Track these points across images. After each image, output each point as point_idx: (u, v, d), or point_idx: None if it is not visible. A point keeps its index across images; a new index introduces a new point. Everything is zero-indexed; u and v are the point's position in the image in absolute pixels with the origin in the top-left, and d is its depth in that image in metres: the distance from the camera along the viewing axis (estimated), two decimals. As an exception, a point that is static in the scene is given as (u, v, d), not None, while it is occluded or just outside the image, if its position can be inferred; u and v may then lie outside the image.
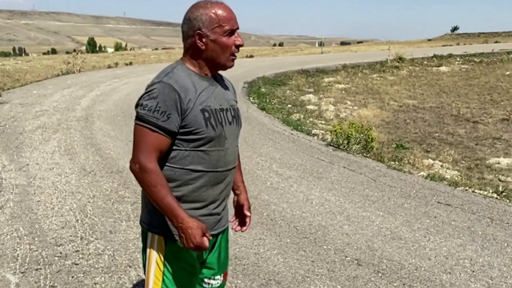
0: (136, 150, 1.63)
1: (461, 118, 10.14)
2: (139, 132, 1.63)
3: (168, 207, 1.60)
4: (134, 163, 1.63)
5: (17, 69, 20.44)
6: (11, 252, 3.44)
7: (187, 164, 1.66)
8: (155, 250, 1.72)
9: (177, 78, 1.63)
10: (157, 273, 1.71)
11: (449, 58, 22.60)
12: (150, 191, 1.61)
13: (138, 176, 1.62)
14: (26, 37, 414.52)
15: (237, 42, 1.70)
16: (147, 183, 1.60)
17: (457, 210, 4.38)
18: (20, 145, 6.61)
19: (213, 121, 1.67)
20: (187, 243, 1.62)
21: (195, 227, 1.61)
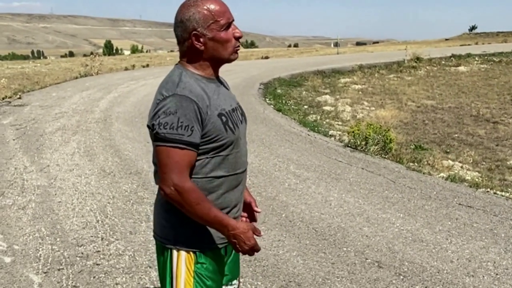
0: (166, 172, 1.53)
1: (481, 118, 9.99)
2: (166, 153, 1.53)
3: (216, 220, 1.56)
4: (168, 187, 1.53)
5: (36, 72, 20.76)
6: (33, 252, 3.50)
7: (208, 172, 1.61)
8: (183, 266, 1.64)
9: (190, 87, 1.55)
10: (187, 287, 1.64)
11: (467, 58, 22.28)
12: (194, 210, 1.54)
13: (177, 198, 1.53)
14: (44, 40, 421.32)
15: (236, 34, 1.63)
16: (189, 203, 1.53)
17: (479, 212, 4.31)
18: (40, 146, 6.71)
19: (230, 124, 1.62)
20: (242, 248, 1.60)
21: (246, 229, 1.59)
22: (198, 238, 1.63)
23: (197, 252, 1.64)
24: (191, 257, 1.64)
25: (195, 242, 1.64)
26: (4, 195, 4.73)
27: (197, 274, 1.64)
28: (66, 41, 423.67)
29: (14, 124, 8.25)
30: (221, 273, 1.74)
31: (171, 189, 1.52)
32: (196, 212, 1.54)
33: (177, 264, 1.64)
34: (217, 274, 1.70)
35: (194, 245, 1.64)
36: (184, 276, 1.63)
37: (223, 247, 1.71)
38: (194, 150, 1.55)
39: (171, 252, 1.65)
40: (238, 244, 1.59)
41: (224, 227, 1.57)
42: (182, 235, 1.63)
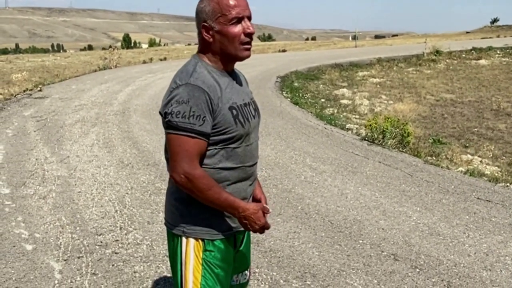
0: (177, 160, 1.56)
1: (501, 112, 9.82)
2: (177, 141, 1.56)
3: (227, 203, 1.59)
4: (179, 174, 1.56)
5: (56, 65, 21.06)
6: (54, 240, 3.58)
7: (217, 163, 1.63)
8: (192, 254, 1.67)
9: (203, 78, 1.57)
10: (196, 275, 1.66)
11: (488, 51, 21.86)
12: (205, 195, 1.57)
13: (187, 186, 1.57)
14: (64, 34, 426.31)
15: (247, 30, 1.61)
16: (200, 189, 1.56)
17: (497, 206, 4.26)
18: (60, 138, 6.83)
19: (241, 118, 1.63)
20: (253, 227, 1.63)
21: (256, 210, 1.62)
22: (206, 226, 1.66)
23: (205, 240, 1.67)
24: (199, 244, 1.67)
25: (203, 231, 1.66)
26: (25, 185, 4.84)
27: (205, 261, 1.67)
28: (85, 35, 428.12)
29: (35, 116, 8.41)
30: (229, 262, 1.75)
31: (181, 177, 1.56)
32: (208, 197, 1.58)
33: (186, 251, 1.67)
34: (225, 263, 1.72)
35: (203, 234, 1.66)
36: (193, 263, 1.67)
37: (231, 236, 1.73)
38: (205, 139, 1.57)
39: (181, 239, 1.68)
40: (249, 224, 1.63)
41: (235, 209, 1.60)
42: (191, 223, 1.66)
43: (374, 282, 2.99)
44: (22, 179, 5.01)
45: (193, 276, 1.66)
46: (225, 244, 1.71)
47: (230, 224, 1.70)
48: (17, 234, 3.68)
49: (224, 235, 1.69)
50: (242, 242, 1.83)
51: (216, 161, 1.63)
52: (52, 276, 3.06)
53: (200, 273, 1.66)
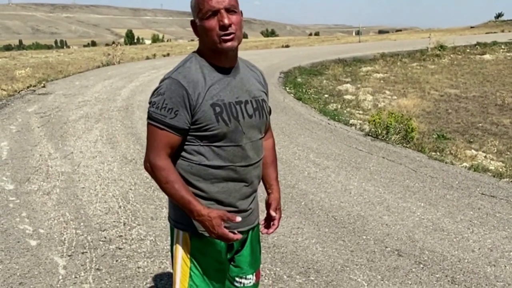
0: (147, 149, 1.62)
1: (506, 107, 9.77)
2: (149, 130, 1.61)
3: (183, 201, 1.58)
4: (145, 162, 1.63)
5: (60, 61, 21.09)
6: (58, 236, 3.59)
7: (203, 160, 1.61)
8: (181, 246, 1.69)
9: (186, 73, 1.58)
10: (184, 269, 1.69)
11: (493, 46, 21.75)
12: (163, 188, 1.61)
13: (151, 175, 1.63)
14: (67, 30, 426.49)
15: (220, 22, 1.55)
16: (159, 180, 1.60)
17: (502, 202, 4.24)
18: (64, 134, 6.84)
19: (225, 116, 1.58)
20: (210, 234, 1.60)
21: (213, 217, 1.56)
22: (195, 223, 1.64)
23: (193, 235, 1.68)
24: (188, 238, 1.69)
25: (191, 225, 1.67)
26: (29, 180, 4.85)
27: (193, 255, 1.69)
28: (88, 31, 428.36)
29: (39, 112, 8.42)
30: (220, 259, 1.73)
31: (147, 165, 1.63)
32: (165, 190, 1.61)
33: (176, 243, 1.72)
34: (214, 259, 1.71)
35: (190, 228, 1.67)
36: (181, 254, 1.70)
37: None
38: (175, 133, 1.58)
39: (173, 231, 1.74)
40: (207, 230, 1.60)
41: (190, 211, 1.59)
42: (179, 216, 1.69)
43: (378, 278, 2.98)
44: (26, 175, 5.02)
45: (181, 270, 1.69)
46: (215, 241, 1.68)
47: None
48: (22, 230, 3.69)
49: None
50: (243, 245, 1.80)
51: (203, 158, 1.61)
52: (57, 271, 3.07)
53: (188, 267, 1.69)
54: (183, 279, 1.69)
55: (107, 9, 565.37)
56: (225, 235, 1.59)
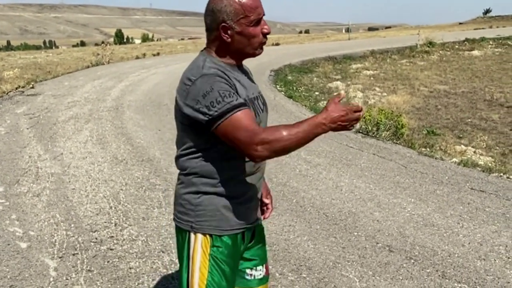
0: (243, 142, 1.48)
1: (494, 103, 9.87)
2: (230, 126, 1.49)
3: (309, 127, 1.48)
4: (255, 151, 1.46)
5: (49, 61, 20.93)
6: (48, 238, 3.56)
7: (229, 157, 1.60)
8: (200, 250, 1.65)
9: (216, 69, 1.58)
10: (203, 270, 1.65)
11: (481, 42, 21.92)
12: (290, 143, 1.47)
13: (270, 151, 1.46)
14: (56, 30, 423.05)
15: (264, 30, 1.62)
16: (278, 145, 1.46)
17: (491, 197, 4.29)
18: (54, 135, 6.79)
19: (252, 111, 1.61)
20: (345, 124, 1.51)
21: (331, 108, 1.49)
22: (215, 222, 1.64)
23: (213, 235, 1.65)
24: (207, 240, 1.65)
25: (211, 226, 1.65)
26: (19, 182, 4.81)
27: (212, 257, 1.65)
28: (77, 31, 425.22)
29: (28, 113, 8.35)
30: (236, 258, 1.74)
31: (258, 150, 1.46)
32: (292, 141, 1.47)
33: (194, 247, 1.66)
34: (232, 259, 1.70)
35: (211, 229, 1.65)
36: (200, 258, 1.65)
37: (240, 232, 1.71)
38: (248, 107, 1.54)
39: (189, 234, 1.67)
40: (340, 125, 1.50)
41: (320, 124, 1.48)
42: (199, 219, 1.65)
43: (369, 274, 3.00)
44: (15, 177, 4.98)
45: (199, 272, 1.65)
46: (233, 240, 1.69)
47: (238, 221, 1.68)
48: (11, 232, 3.66)
49: (232, 231, 1.68)
50: (252, 238, 1.82)
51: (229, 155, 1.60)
52: (47, 273, 3.05)
53: (207, 269, 1.65)
54: (202, 280, 1.65)
55: (96, 9, 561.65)
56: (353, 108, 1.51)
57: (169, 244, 3.42)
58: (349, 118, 1.50)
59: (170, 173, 4.99)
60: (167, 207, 4.09)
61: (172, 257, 3.22)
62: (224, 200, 1.64)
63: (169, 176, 4.90)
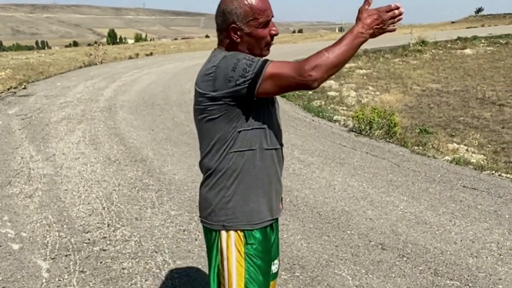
0: (293, 73, 1.52)
1: (486, 101, 9.92)
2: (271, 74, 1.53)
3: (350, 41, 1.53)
4: (309, 76, 1.50)
5: (41, 62, 20.81)
6: (41, 239, 3.55)
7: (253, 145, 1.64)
8: (234, 247, 1.67)
9: None
10: (239, 269, 1.67)
11: (473, 41, 22.03)
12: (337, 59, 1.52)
13: (320, 73, 1.51)
14: (48, 31, 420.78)
15: (272, 32, 1.68)
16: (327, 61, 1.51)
17: (483, 194, 4.31)
18: (46, 136, 6.76)
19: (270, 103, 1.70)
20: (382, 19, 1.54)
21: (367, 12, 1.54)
22: (246, 217, 1.67)
23: (245, 232, 1.68)
24: (240, 237, 1.68)
25: (243, 222, 1.67)
26: (11, 184, 4.78)
27: (247, 255, 1.68)
28: (70, 31, 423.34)
29: (20, 114, 8.30)
30: (269, 251, 1.77)
31: (313, 74, 1.51)
32: (339, 54, 1.52)
33: (227, 246, 1.68)
34: (265, 253, 1.73)
35: (243, 225, 1.67)
36: (235, 257, 1.67)
37: (269, 225, 1.74)
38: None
39: (220, 233, 1.69)
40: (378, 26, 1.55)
41: (358, 35, 1.54)
42: (230, 216, 1.67)
43: (362, 272, 3.01)
44: (7, 178, 4.95)
45: (236, 270, 1.67)
46: (264, 234, 1.72)
47: (268, 212, 1.72)
48: (3, 234, 3.64)
49: (263, 223, 1.70)
50: (276, 230, 1.85)
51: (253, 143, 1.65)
52: (40, 275, 3.04)
53: (243, 267, 1.68)
54: (239, 279, 1.67)
55: (88, 9, 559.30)
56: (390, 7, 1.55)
57: (162, 244, 3.41)
58: (383, 20, 1.54)
59: (163, 173, 4.98)
60: (160, 207, 4.08)
61: (165, 257, 3.22)
62: (253, 193, 1.67)
63: (162, 176, 4.89)
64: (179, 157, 5.58)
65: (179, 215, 3.92)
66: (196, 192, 4.43)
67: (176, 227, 3.70)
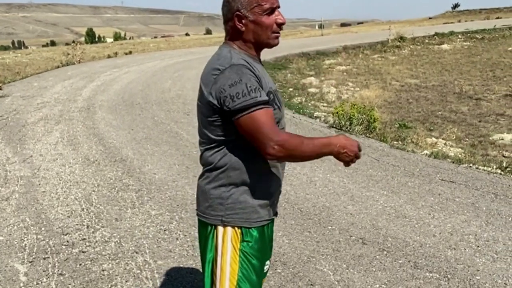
0: (261, 137, 1.52)
1: (463, 95, 10.09)
2: (251, 120, 1.53)
3: (321, 145, 1.58)
4: (271, 147, 1.51)
5: (17, 62, 20.41)
6: (18, 242, 3.48)
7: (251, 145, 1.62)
8: (229, 243, 1.66)
9: (242, 60, 1.60)
10: (233, 266, 1.66)
11: (450, 36, 22.39)
12: (302, 152, 1.55)
13: (284, 153, 1.53)
14: (25, 30, 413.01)
15: (279, 20, 1.65)
16: (294, 149, 1.53)
17: (461, 187, 4.38)
18: (23, 137, 6.63)
19: (277, 102, 1.66)
20: (352, 152, 1.60)
21: (343, 137, 1.61)
22: (244, 215, 1.65)
23: (243, 229, 1.66)
24: (237, 234, 1.66)
25: (242, 219, 1.65)
26: (-13, 187, 4.68)
27: (242, 252, 1.66)
28: (47, 30, 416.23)
29: (-5, 116, 8.12)
30: (265, 251, 1.75)
31: (275, 148, 1.52)
32: (306, 151, 1.56)
33: (223, 241, 1.66)
34: (261, 253, 1.72)
35: (241, 222, 1.66)
36: (230, 253, 1.66)
37: (267, 224, 1.73)
38: (270, 106, 1.57)
39: (216, 228, 1.67)
40: (348, 152, 1.59)
41: (330, 145, 1.58)
42: (229, 212, 1.65)
43: (343, 267, 3.03)
44: (-17, 181, 4.84)
45: (230, 267, 1.66)
46: (261, 233, 1.71)
47: (266, 212, 1.71)
48: (-21, 238, 3.56)
49: (261, 222, 1.69)
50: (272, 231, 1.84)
51: None
52: (17, 278, 2.98)
53: (237, 264, 1.66)
54: (232, 276, 1.66)
55: (65, 8, 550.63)
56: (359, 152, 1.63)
57: (143, 244, 3.38)
58: (355, 152, 1.61)
59: (143, 173, 4.94)
60: (140, 207, 4.04)
61: (146, 257, 3.19)
62: (253, 191, 1.66)
63: (142, 176, 4.84)
64: (159, 156, 5.54)
65: (160, 215, 3.89)
66: (177, 191, 4.41)
67: (156, 227, 3.67)
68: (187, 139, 6.26)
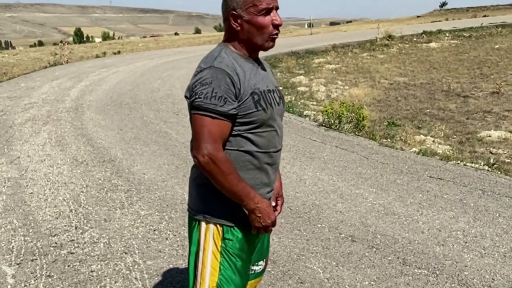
0: (200, 140, 1.55)
1: (451, 93, 10.16)
2: (200, 121, 1.56)
3: (244, 192, 1.59)
4: (202, 155, 1.54)
5: (4, 62, 20.18)
6: (6, 244, 3.44)
7: (242, 146, 1.63)
8: (211, 240, 1.66)
9: (227, 62, 1.60)
10: (214, 263, 1.66)
11: (438, 34, 22.54)
12: (224, 180, 1.56)
13: (209, 167, 1.54)
14: (12, 30, 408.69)
15: (275, 21, 1.64)
16: (221, 173, 1.55)
17: (449, 184, 4.42)
18: (10, 138, 6.56)
19: (263, 103, 1.64)
20: (265, 221, 1.64)
21: (268, 204, 1.66)
22: (228, 213, 1.65)
23: (224, 227, 1.66)
24: (218, 231, 1.66)
25: (225, 216, 1.66)
26: (-27, 189, 4.62)
27: (224, 249, 1.67)
28: (34, 30, 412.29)
29: (-18, 117, 8.03)
30: (249, 251, 1.75)
31: (204, 158, 1.54)
32: (227, 181, 1.56)
33: (205, 237, 1.67)
34: (244, 252, 1.71)
35: (223, 220, 1.66)
36: (211, 249, 1.67)
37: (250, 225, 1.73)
38: (228, 120, 1.57)
39: (199, 223, 1.68)
40: (261, 218, 1.63)
41: (251, 199, 1.60)
42: (212, 209, 1.66)
43: (332, 264, 3.04)
44: (-31, 183, 4.78)
45: (211, 264, 1.66)
46: (245, 233, 1.70)
47: None
48: (-35, 241, 3.51)
49: (244, 222, 1.68)
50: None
51: (242, 144, 1.64)
52: (5, 281, 2.95)
53: (218, 261, 1.66)
54: (213, 274, 1.66)
55: (53, 7, 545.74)
56: (275, 222, 1.68)
57: (132, 245, 3.36)
58: (267, 224, 1.66)
59: (132, 173, 4.91)
60: (129, 208, 4.02)
61: (135, 258, 3.17)
62: None
63: (131, 176, 4.82)
64: (148, 156, 5.51)
65: (149, 215, 3.87)
66: (167, 191, 4.39)
67: (146, 227, 3.66)
68: (176, 139, 6.24)
